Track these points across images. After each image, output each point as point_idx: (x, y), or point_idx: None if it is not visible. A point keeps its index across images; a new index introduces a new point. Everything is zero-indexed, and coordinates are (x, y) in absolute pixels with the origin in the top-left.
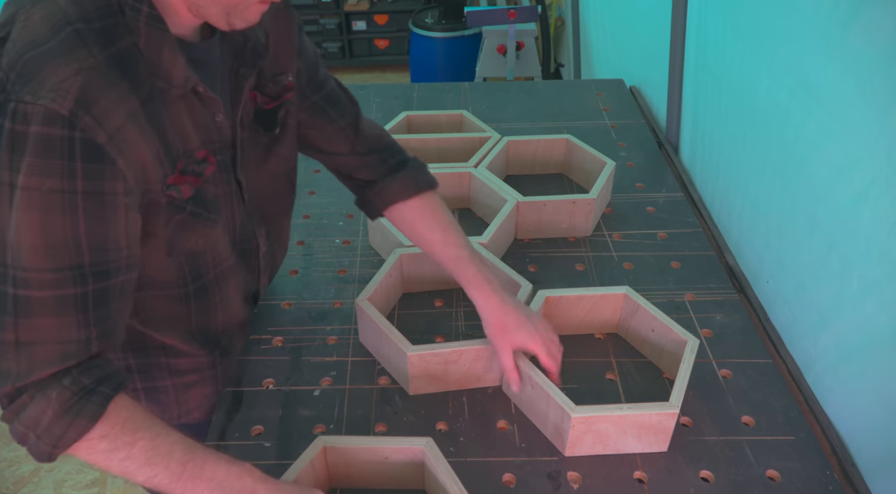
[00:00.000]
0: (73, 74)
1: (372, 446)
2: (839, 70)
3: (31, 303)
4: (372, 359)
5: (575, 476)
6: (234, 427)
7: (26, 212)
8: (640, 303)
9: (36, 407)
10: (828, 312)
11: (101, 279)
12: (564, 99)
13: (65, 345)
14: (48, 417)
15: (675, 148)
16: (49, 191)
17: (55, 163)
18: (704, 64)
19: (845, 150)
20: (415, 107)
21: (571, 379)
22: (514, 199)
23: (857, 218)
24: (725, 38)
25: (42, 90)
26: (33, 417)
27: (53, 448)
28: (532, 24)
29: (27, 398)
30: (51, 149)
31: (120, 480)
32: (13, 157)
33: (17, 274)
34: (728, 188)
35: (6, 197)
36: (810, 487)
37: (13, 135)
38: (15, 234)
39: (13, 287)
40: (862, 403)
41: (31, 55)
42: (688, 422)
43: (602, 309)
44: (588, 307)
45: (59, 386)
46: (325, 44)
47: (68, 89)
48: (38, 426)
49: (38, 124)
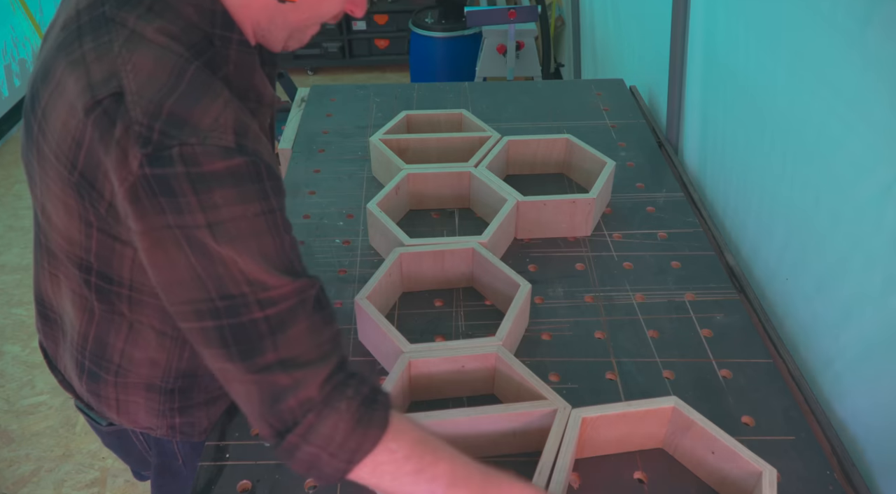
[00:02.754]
0: (223, 108)
1: (450, 356)
2: (860, 65)
3: (282, 318)
4: (372, 359)
5: (575, 476)
6: (234, 427)
7: (240, 240)
8: (695, 419)
9: (326, 423)
10: (850, 309)
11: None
12: (564, 99)
13: (321, 347)
14: (342, 431)
15: (675, 148)
16: (254, 215)
17: (250, 188)
18: (715, 62)
19: (869, 146)
20: (415, 106)
21: (571, 380)
22: (513, 199)
23: (881, 213)
24: (738, 36)
25: (201, 131)
26: (325, 434)
27: (349, 463)
28: (532, 23)
29: (313, 417)
30: (240, 177)
31: (120, 480)
32: (202, 198)
33: (261, 295)
34: (742, 186)
35: (208, 238)
36: (810, 487)
37: (192, 177)
38: (237, 265)
39: (260, 309)
40: (881, 401)
41: (171, 101)
42: None
43: (646, 425)
44: (630, 425)
45: (346, 398)
46: (325, 44)
47: (225, 124)
48: (331, 442)
49: (218, 160)
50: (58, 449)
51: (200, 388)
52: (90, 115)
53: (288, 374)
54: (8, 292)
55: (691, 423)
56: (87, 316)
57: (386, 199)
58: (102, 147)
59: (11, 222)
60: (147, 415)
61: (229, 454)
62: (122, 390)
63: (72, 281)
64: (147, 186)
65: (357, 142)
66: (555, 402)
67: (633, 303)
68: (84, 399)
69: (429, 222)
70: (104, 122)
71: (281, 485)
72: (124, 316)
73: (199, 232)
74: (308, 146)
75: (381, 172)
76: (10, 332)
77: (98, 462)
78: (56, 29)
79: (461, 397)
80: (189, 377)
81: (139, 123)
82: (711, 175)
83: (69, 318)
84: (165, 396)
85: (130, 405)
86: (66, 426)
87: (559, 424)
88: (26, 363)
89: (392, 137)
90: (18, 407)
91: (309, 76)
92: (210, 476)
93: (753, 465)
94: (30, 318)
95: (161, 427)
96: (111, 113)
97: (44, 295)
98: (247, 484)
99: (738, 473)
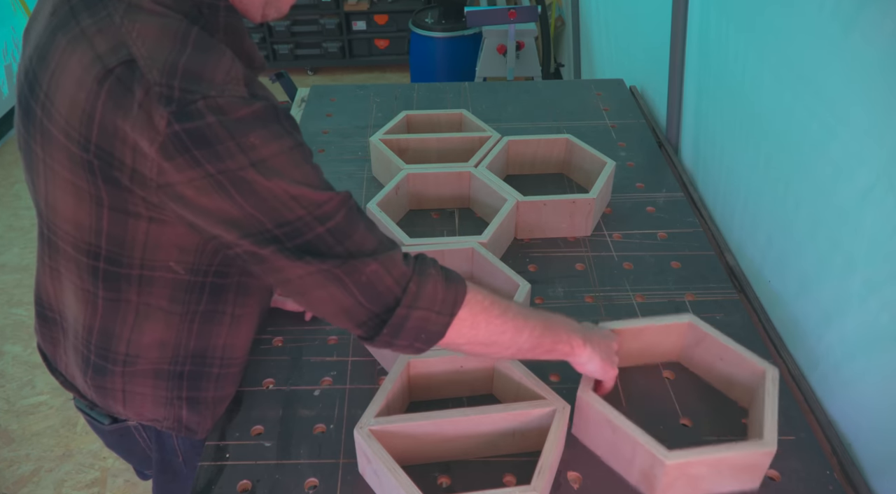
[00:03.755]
0: (231, 63)
1: (448, 356)
2: (842, 70)
3: (342, 226)
4: (372, 359)
5: (575, 476)
6: (234, 427)
7: (285, 171)
8: (708, 332)
9: (426, 287)
10: (831, 311)
11: None
12: (564, 99)
13: (384, 238)
14: (440, 290)
15: (675, 148)
16: (290, 149)
17: (276, 128)
18: (707, 64)
19: (849, 149)
20: (415, 106)
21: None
22: (513, 199)
23: (860, 217)
24: (728, 38)
25: (217, 85)
26: (429, 296)
27: (451, 316)
28: (532, 24)
29: (414, 285)
30: (265, 119)
31: (120, 480)
32: (239, 141)
33: (317, 212)
34: (730, 187)
35: (252, 176)
36: (810, 487)
37: (225, 124)
38: (287, 194)
39: (321, 224)
40: (866, 402)
41: (184, 61)
42: (687, 423)
43: (664, 339)
44: (649, 339)
45: (429, 265)
46: (325, 44)
47: (236, 76)
48: (435, 301)
49: (242, 108)
50: (58, 449)
51: (209, 378)
52: (103, 85)
53: (374, 259)
54: (8, 292)
55: (704, 336)
56: (91, 308)
57: (386, 199)
58: (120, 114)
59: (11, 222)
60: (154, 406)
61: (229, 454)
62: (129, 380)
63: (74, 274)
64: (179, 142)
65: (357, 142)
66: (553, 402)
67: (634, 303)
68: (88, 396)
69: (429, 222)
70: (119, 90)
71: (281, 485)
72: (130, 303)
73: (246, 172)
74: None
75: (381, 172)
76: (10, 332)
77: (98, 462)
78: (44, 16)
79: (461, 397)
80: (198, 358)
81: (158, 84)
82: (702, 175)
83: (72, 313)
84: (174, 381)
85: (137, 396)
86: (67, 426)
87: (558, 424)
88: (26, 363)
89: (392, 137)
90: (18, 407)
91: (309, 76)
92: (210, 476)
93: (758, 365)
94: (30, 318)
95: (168, 419)
96: (125, 80)
97: (43, 295)
98: (247, 484)
99: (744, 374)
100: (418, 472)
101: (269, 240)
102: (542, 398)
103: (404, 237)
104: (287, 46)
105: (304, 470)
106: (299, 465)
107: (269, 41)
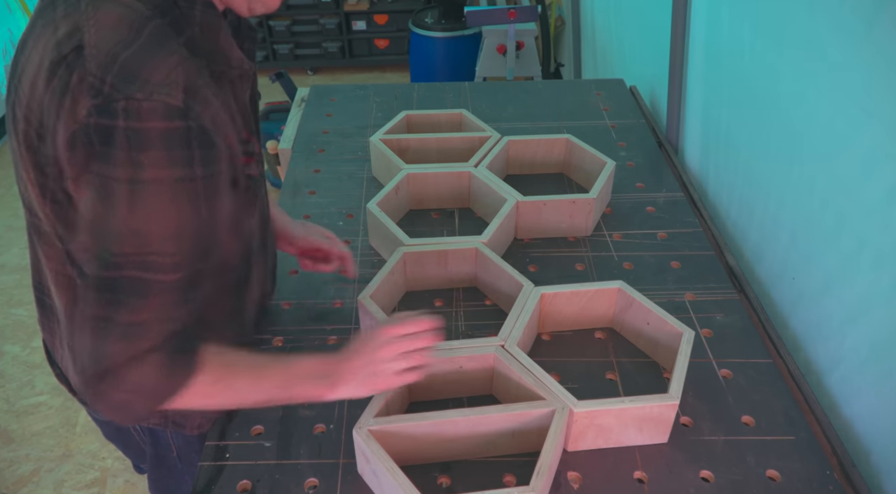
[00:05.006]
0: (176, 65)
1: (448, 357)
2: (867, 64)
3: (152, 285)
4: None
5: (575, 476)
6: (234, 427)
7: (157, 202)
8: (635, 297)
9: (137, 373)
10: (857, 311)
11: (206, 259)
12: (564, 99)
13: (169, 323)
14: (152, 379)
15: (675, 148)
16: (177, 180)
17: (178, 154)
18: (717, 62)
19: (876, 144)
20: (415, 106)
21: (571, 380)
22: (513, 199)
23: (889, 213)
24: (743, 37)
25: (150, 85)
26: (136, 381)
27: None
28: (532, 23)
29: (124, 371)
30: (173, 140)
31: (120, 480)
32: (132, 154)
33: (147, 259)
34: (747, 186)
35: (124, 193)
36: (810, 487)
37: (129, 132)
38: (142, 225)
39: (139, 270)
40: (890, 403)
41: (126, 54)
42: (688, 422)
43: (597, 305)
44: (583, 302)
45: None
46: (325, 44)
47: (176, 80)
48: (142, 389)
49: (158, 119)
50: (58, 449)
51: None
52: (56, 72)
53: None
54: (8, 292)
55: (632, 301)
56: (72, 294)
57: (386, 199)
58: (58, 100)
59: (11, 222)
60: None
61: (229, 454)
62: None
63: (53, 261)
64: (86, 135)
65: (357, 142)
66: (553, 402)
67: None
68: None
69: (429, 222)
70: (65, 76)
71: (281, 485)
72: None
73: (118, 185)
74: (308, 146)
75: (381, 172)
76: (10, 332)
77: (98, 462)
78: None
79: (460, 397)
80: None
81: (93, 75)
82: (714, 175)
83: (58, 302)
84: None
85: None
86: (66, 426)
87: (558, 424)
88: (26, 363)
89: (392, 137)
90: (18, 407)
91: (309, 76)
92: (210, 476)
93: (677, 329)
94: (30, 318)
95: (154, 414)
96: (71, 65)
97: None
98: (247, 484)
99: (667, 338)
100: (418, 472)
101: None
102: (542, 398)
103: (404, 237)
104: (287, 46)
105: (303, 470)
106: (299, 465)
107: (269, 41)
